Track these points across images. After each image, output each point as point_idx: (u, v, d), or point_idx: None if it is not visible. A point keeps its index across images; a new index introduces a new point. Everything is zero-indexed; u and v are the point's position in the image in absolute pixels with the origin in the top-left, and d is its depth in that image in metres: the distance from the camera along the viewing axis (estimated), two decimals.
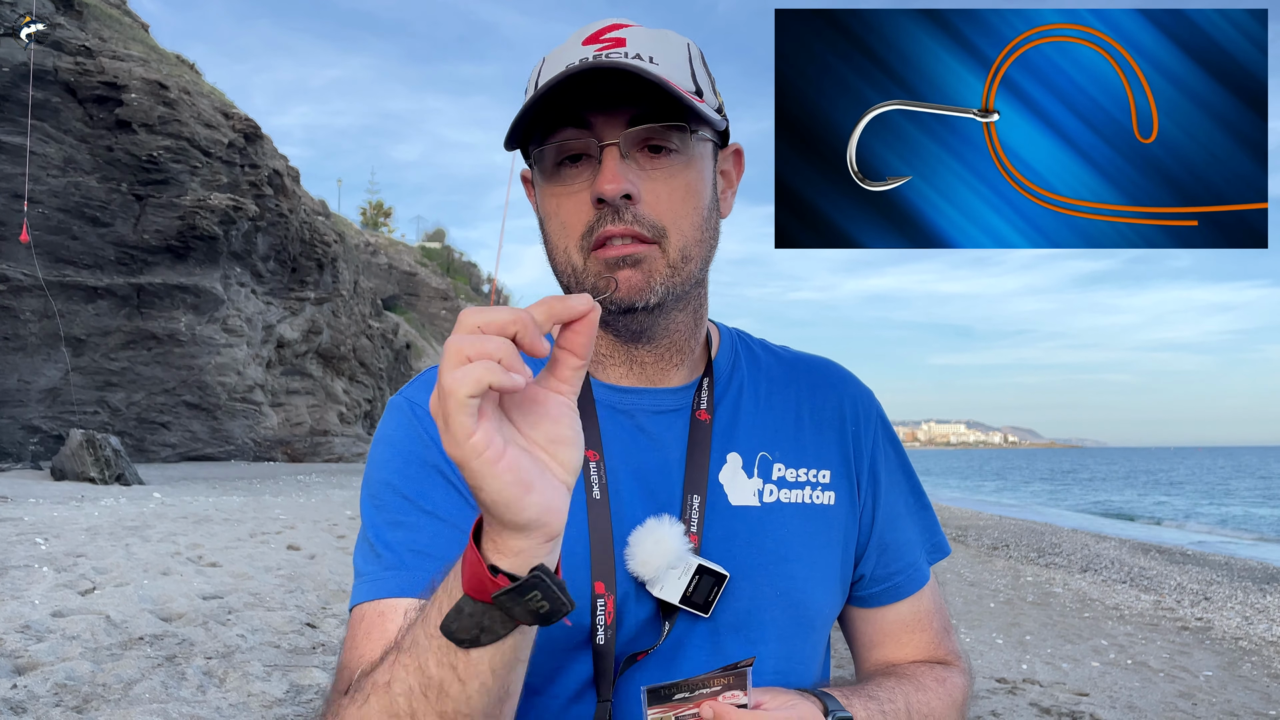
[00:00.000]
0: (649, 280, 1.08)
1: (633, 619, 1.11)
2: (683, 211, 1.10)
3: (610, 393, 1.20)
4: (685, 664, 1.12)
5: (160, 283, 21.74)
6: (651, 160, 1.08)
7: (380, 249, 50.62)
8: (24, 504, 10.64)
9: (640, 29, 1.12)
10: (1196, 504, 39.17)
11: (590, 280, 1.09)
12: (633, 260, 1.07)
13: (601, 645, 1.08)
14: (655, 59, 1.08)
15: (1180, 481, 64.10)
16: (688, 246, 1.11)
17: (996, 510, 32.87)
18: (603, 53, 1.07)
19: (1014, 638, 8.15)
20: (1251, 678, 7.11)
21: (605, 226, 1.06)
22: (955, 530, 20.62)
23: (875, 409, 1.32)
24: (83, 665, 4.40)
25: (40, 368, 19.83)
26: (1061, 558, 15.62)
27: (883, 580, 1.28)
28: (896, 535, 1.28)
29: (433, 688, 0.86)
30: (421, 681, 0.86)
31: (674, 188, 1.09)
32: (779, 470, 1.21)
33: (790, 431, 1.25)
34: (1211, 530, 26.76)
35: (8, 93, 17.73)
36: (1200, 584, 12.80)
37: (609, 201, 1.05)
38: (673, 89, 1.02)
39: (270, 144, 25.05)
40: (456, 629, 0.82)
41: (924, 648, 1.29)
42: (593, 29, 1.12)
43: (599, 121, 1.06)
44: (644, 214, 1.07)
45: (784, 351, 1.35)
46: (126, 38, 21.84)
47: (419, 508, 1.11)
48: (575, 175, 1.09)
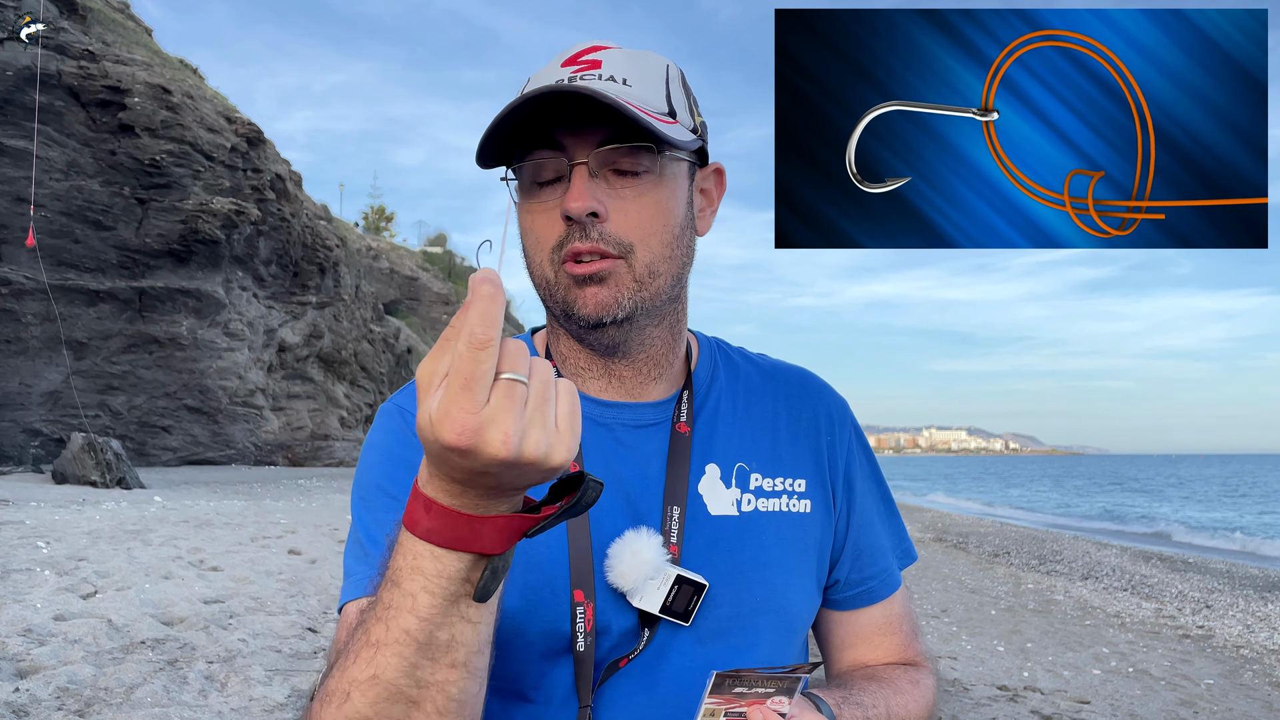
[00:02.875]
0: (615, 296, 1.11)
1: (615, 628, 1.14)
2: (651, 229, 1.13)
3: (590, 405, 1.23)
4: (669, 671, 1.14)
5: (162, 286, 21.75)
6: (620, 180, 1.11)
7: (382, 253, 50.63)
8: (25, 507, 10.64)
9: (619, 51, 1.15)
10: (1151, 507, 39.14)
11: (561, 292, 1.13)
12: (598, 277, 1.11)
13: (581, 652, 1.11)
14: (629, 80, 1.12)
15: (1157, 489, 64.03)
16: (655, 262, 1.13)
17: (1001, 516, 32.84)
18: (578, 75, 1.11)
19: (1015, 645, 8.14)
20: (1253, 686, 7.10)
21: (573, 243, 1.09)
22: (956, 537, 20.58)
23: (849, 418, 1.36)
24: (84, 669, 4.40)
25: (42, 371, 19.84)
26: (1063, 565, 15.60)
27: (857, 585, 1.31)
28: (870, 541, 1.32)
29: (429, 651, 0.83)
30: (411, 659, 0.84)
31: (642, 206, 1.12)
32: (756, 480, 1.24)
33: (767, 441, 1.28)
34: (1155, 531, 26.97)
35: (10, 96, 17.76)
36: (1202, 592, 12.78)
37: (575, 219, 1.08)
38: (630, 111, 1.04)
39: (273, 148, 25.09)
40: (485, 585, 0.80)
41: (895, 650, 1.33)
42: (572, 51, 1.15)
43: (570, 142, 1.10)
44: (610, 231, 1.10)
45: (762, 360, 1.38)
46: (130, 42, 21.88)
47: (384, 497, 1.15)
48: (549, 194, 1.12)
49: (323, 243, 28.02)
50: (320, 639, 5.71)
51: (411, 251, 56.42)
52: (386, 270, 49.24)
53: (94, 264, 20.51)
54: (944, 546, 18.32)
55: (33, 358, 19.64)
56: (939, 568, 14.09)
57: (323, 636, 5.79)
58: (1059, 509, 41.55)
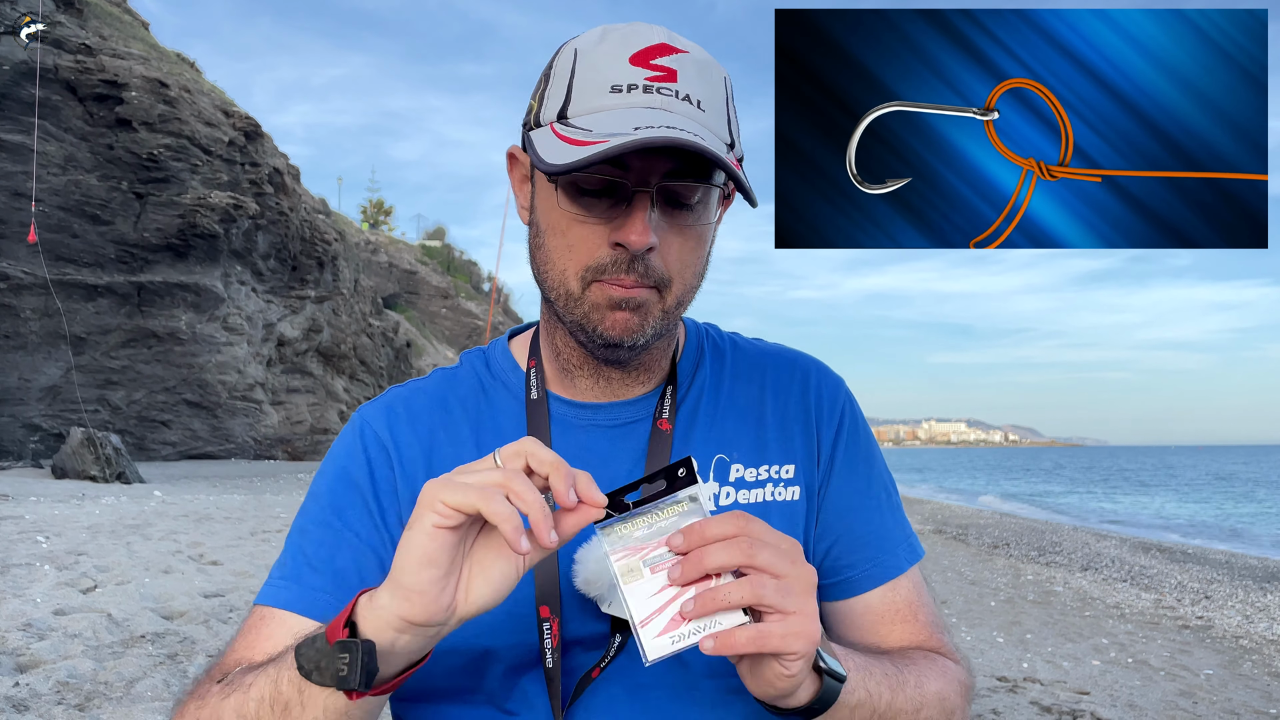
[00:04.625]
0: (643, 324, 1.09)
1: (587, 637, 1.11)
2: (689, 262, 1.11)
3: (568, 409, 1.21)
4: (643, 676, 1.10)
5: (161, 281, 21.74)
6: (673, 213, 1.07)
7: (381, 247, 50.61)
8: (25, 502, 10.64)
9: (690, 59, 1.07)
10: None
11: (584, 309, 1.09)
12: (633, 304, 1.08)
13: (550, 668, 1.09)
14: (703, 103, 1.06)
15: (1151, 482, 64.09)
16: (686, 294, 1.12)
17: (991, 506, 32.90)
18: (653, 83, 1.04)
19: (1015, 636, 8.16)
20: (1252, 676, 7.11)
21: (619, 274, 1.06)
22: (956, 529, 20.61)
23: (842, 398, 1.29)
24: (84, 663, 4.41)
25: (41, 366, 19.84)
26: (1062, 556, 15.62)
27: (831, 574, 1.23)
28: (846, 528, 1.23)
29: (279, 704, 0.92)
30: (272, 694, 0.93)
31: (686, 239, 1.09)
32: (737, 471, 1.20)
33: (751, 429, 1.23)
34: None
35: (7, 91, 17.72)
36: (1201, 582, 12.80)
37: (632, 251, 1.04)
38: (728, 166, 0.99)
39: (270, 142, 25.05)
40: (302, 656, 0.89)
41: (907, 638, 1.22)
42: (641, 44, 1.06)
43: (635, 164, 1.03)
44: (655, 265, 1.07)
45: (751, 345, 1.34)
46: (127, 36, 21.83)
47: (339, 523, 1.15)
48: (594, 205, 1.06)
49: (321, 237, 27.99)
50: None
51: (410, 245, 56.40)
52: (385, 264, 49.22)
53: (92, 259, 20.49)
54: (943, 538, 18.35)
55: (32, 353, 19.64)
56: (939, 559, 14.10)
57: None
58: (1058, 506, 41.58)
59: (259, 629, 1.11)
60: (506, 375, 1.25)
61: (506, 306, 54.84)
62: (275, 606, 1.12)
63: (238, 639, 1.12)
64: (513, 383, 1.24)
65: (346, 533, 1.14)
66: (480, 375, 1.26)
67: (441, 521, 0.83)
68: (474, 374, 1.27)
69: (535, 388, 1.21)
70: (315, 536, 1.15)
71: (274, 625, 1.10)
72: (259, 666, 0.99)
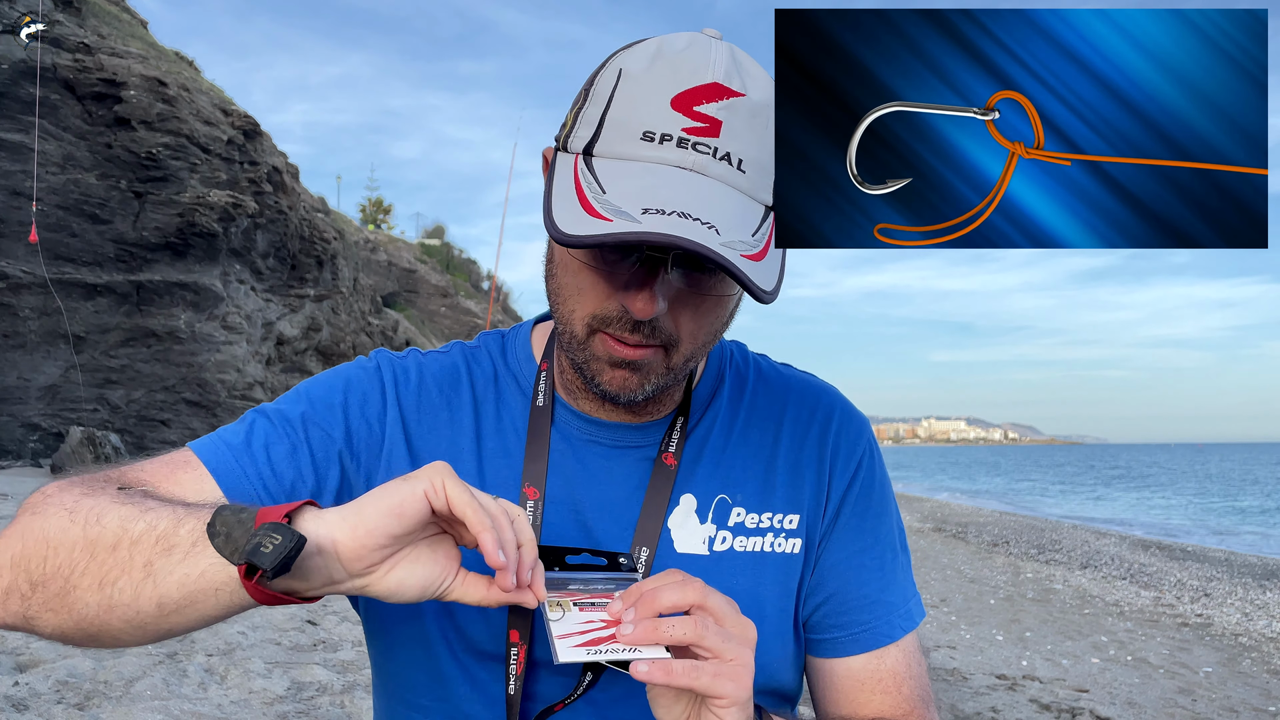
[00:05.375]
0: (643, 382, 1.04)
1: (553, 669, 1.07)
2: (704, 327, 1.04)
3: (573, 419, 1.16)
4: (612, 714, 1.08)
5: (160, 280, 21.75)
6: (690, 280, 1.00)
7: (380, 246, 50.57)
8: None
9: (743, 103, 0.95)
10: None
11: (585, 354, 1.04)
12: (635, 365, 1.02)
13: (511, 695, 1.06)
14: (745, 164, 0.95)
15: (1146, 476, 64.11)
16: (696, 353, 1.06)
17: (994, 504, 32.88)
18: (690, 136, 0.94)
19: (1014, 634, 8.16)
20: (1251, 674, 7.12)
21: (622, 333, 1.00)
22: (956, 527, 20.62)
23: (862, 447, 1.22)
24: (84, 662, 4.41)
25: (40, 365, 19.84)
26: (1061, 554, 15.63)
27: (817, 631, 1.17)
28: (841, 587, 1.16)
29: (165, 542, 0.88)
30: (166, 530, 0.89)
31: (701, 310, 1.02)
32: (738, 515, 1.14)
33: (760, 471, 1.17)
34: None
35: (6, 90, 17.73)
36: (1200, 580, 12.81)
37: (635, 318, 0.98)
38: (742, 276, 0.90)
39: (269, 141, 25.05)
40: (220, 519, 0.86)
41: (888, 710, 1.15)
42: (690, 83, 0.95)
43: None
44: (664, 326, 1.01)
45: (778, 374, 1.26)
46: (125, 34, 21.84)
47: (302, 432, 1.12)
48: (606, 256, 0.99)
49: (320, 235, 27.98)
50: (320, 631, 5.72)
51: (409, 244, 56.37)
52: (384, 263, 49.20)
53: (91, 257, 20.49)
54: (943, 536, 18.35)
55: (31, 352, 19.64)
56: (938, 557, 14.11)
57: (322, 629, 5.79)
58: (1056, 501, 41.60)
59: (179, 470, 1.07)
60: (520, 367, 1.21)
61: (505, 305, 54.83)
62: (203, 462, 1.08)
63: (152, 463, 1.09)
64: (524, 378, 1.20)
65: (302, 446, 1.11)
66: (495, 363, 1.22)
67: (432, 495, 0.84)
68: (490, 360, 1.22)
69: (543, 394, 1.17)
70: (276, 428, 1.12)
71: (192, 475, 1.07)
72: (165, 501, 0.96)
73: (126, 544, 0.90)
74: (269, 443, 1.10)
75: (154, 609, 0.89)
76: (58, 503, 0.96)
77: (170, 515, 0.91)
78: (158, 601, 0.88)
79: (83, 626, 0.92)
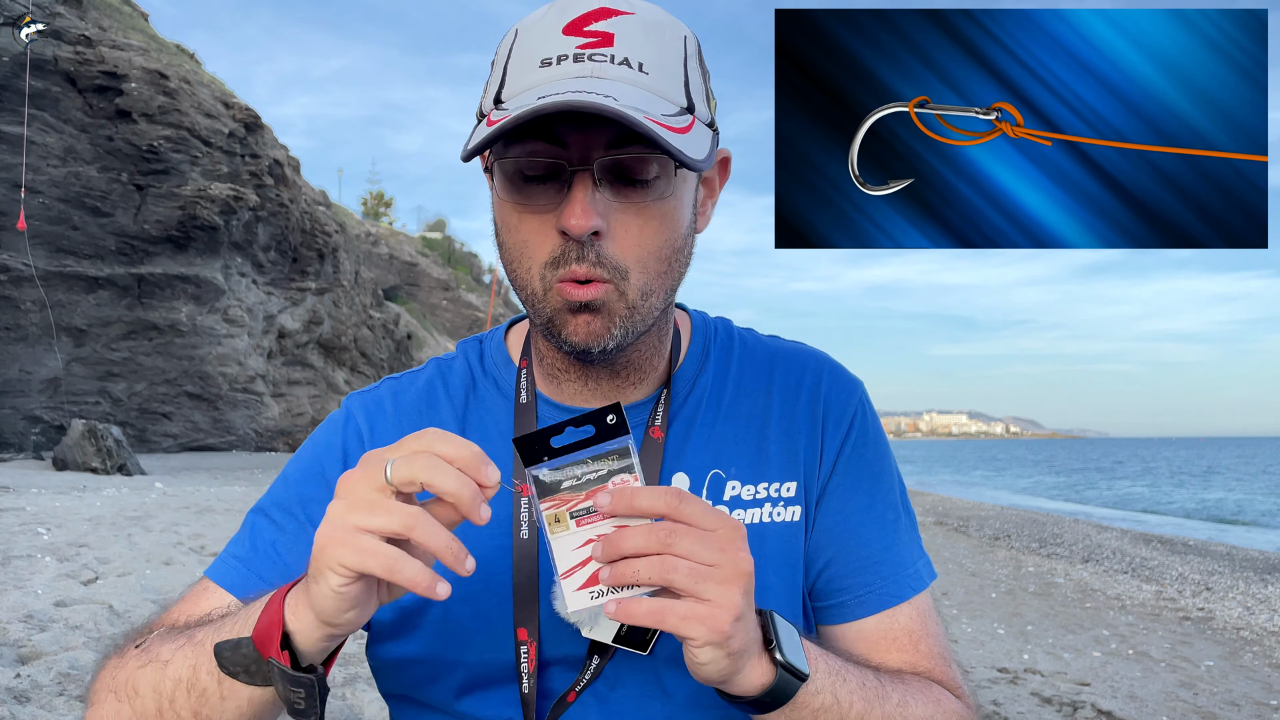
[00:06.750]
0: (607, 325, 1.00)
1: (565, 659, 1.06)
2: (650, 248, 1.00)
3: (557, 413, 1.13)
4: (620, 701, 1.06)
5: (161, 273, 21.76)
6: (625, 191, 0.97)
7: (381, 239, 50.61)
8: (26, 494, 10.66)
9: (634, 20, 0.98)
10: None
11: (549, 311, 1.01)
12: (593, 306, 0.98)
13: (525, 693, 1.05)
14: (645, 65, 0.97)
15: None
16: (649, 284, 1.01)
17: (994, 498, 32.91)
18: (585, 51, 0.96)
19: (1015, 628, 8.17)
20: (1253, 668, 7.12)
21: (570, 265, 0.97)
22: (957, 521, 20.63)
23: (854, 403, 1.18)
24: (86, 655, 4.42)
25: (42, 358, 19.86)
26: (1063, 548, 15.64)
27: (824, 597, 1.14)
28: (842, 549, 1.13)
29: (196, 689, 0.93)
30: (190, 678, 0.94)
31: (645, 222, 0.99)
32: (733, 489, 1.12)
33: (752, 442, 1.14)
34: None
35: (7, 83, 17.73)
36: (1202, 574, 12.82)
37: (574, 237, 0.95)
38: (652, 131, 0.89)
39: (270, 134, 25.04)
40: (226, 658, 0.90)
41: (907, 666, 1.12)
42: (578, 11, 0.98)
43: (573, 139, 0.94)
44: (608, 253, 0.98)
45: (763, 345, 1.23)
46: (126, 27, 21.82)
47: (301, 515, 1.12)
48: (540, 192, 0.97)
49: (322, 228, 27.98)
50: None
51: (410, 237, 56.37)
52: (386, 256, 49.22)
53: (93, 250, 20.50)
54: (945, 530, 18.37)
55: (33, 345, 19.65)
56: (939, 551, 14.12)
57: None
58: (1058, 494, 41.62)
59: (199, 600, 1.09)
60: (498, 371, 1.19)
61: (507, 299, 54.84)
62: (219, 584, 1.10)
63: (178, 604, 1.11)
64: (504, 380, 1.18)
65: (308, 526, 1.10)
66: (473, 369, 1.20)
67: (343, 584, 0.81)
68: (467, 367, 1.21)
69: (525, 391, 1.15)
70: (276, 521, 1.12)
71: (215, 601, 1.08)
72: (176, 637, 0.98)
73: (168, 706, 0.96)
74: (273, 540, 1.12)
75: None
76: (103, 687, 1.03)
77: (185, 662, 0.95)
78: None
79: None
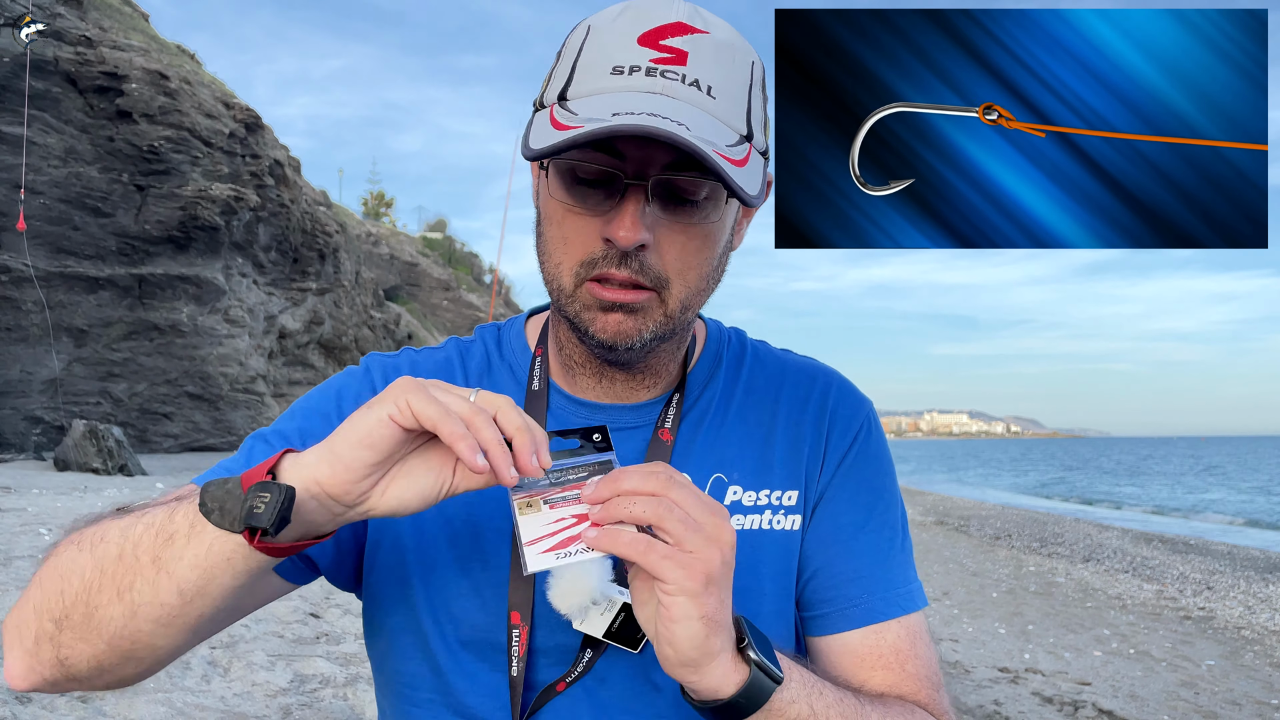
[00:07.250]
0: (639, 328, 1.02)
1: (555, 648, 1.07)
2: (693, 264, 1.02)
3: (568, 404, 1.15)
4: (609, 697, 1.07)
5: (162, 273, 21.77)
6: (675, 209, 0.99)
7: (382, 239, 50.57)
8: (27, 494, 10.66)
9: (709, 40, 0.99)
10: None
11: (576, 307, 1.03)
12: (628, 308, 1.01)
13: (514, 677, 1.06)
14: (714, 89, 0.98)
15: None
16: (689, 297, 1.04)
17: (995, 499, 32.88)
18: (658, 66, 0.97)
19: (1016, 627, 8.17)
20: (1254, 667, 7.12)
21: (608, 269, 0.99)
22: (958, 520, 20.63)
23: (860, 419, 1.20)
24: None
25: (42, 358, 19.87)
26: (1064, 547, 15.64)
27: (809, 607, 1.14)
28: (828, 562, 1.13)
29: (165, 532, 0.91)
30: (164, 522, 0.92)
31: (689, 239, 1.01)
32: (734, 494, 1.12)
33: (756, 449, 1.15)
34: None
35: (7, 83, 17.75)
36: (1203, 573, 12.81)
37: (619, 247, 0.98)
38: (720, 170, 0.91)
39: (271, 134, 25.04)
40: (210, 493, 0.88)
41: (891, 687, 1.11)
42: (655, 22, 0.99)
43: (631, 154, 0.96)
44: (651, 264, 1.00)
45: (775, 357, 1.25)
46: (127, 27, 21.83)
47: (297, 442, 1.12)
48: (589, 195, 0.99)
49: (322, 229, 27.98)
50: (323, 624, 5.73)
51: (411, 237, 56.36)
52: (386, 256, 49.21)
53: (93, 251, 20.51)
54: (945, 529, 18.36)
55: (33, 345, 19.66)
56: (940, 550, 14.12)
57: (325, 622, 5.80)
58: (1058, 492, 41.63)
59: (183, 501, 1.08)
60: (515, 357, 1.22)
61: (508, 299, 54.85)
62: None
63: (157, 498, 1.10)
64: (519, 366, 1.20)
65: None
66: (490, 353, 1.23)
67: (398, 416, 0.84)
68: (484, 350, 1.23)
69: (538, 378, 1.17)
70: (273, 446, 1.13)
71: None
72: (158, 504, 0.99)
73: (130, 548, 0.92)
74: (261, 454, 1.12)
75: (176, 599, 0.91)
76: (65, 541, 1.00)
77: (163, 510, 0.93)
78: (177, 590, 0.90)
79: (115, 644, 0.94)
